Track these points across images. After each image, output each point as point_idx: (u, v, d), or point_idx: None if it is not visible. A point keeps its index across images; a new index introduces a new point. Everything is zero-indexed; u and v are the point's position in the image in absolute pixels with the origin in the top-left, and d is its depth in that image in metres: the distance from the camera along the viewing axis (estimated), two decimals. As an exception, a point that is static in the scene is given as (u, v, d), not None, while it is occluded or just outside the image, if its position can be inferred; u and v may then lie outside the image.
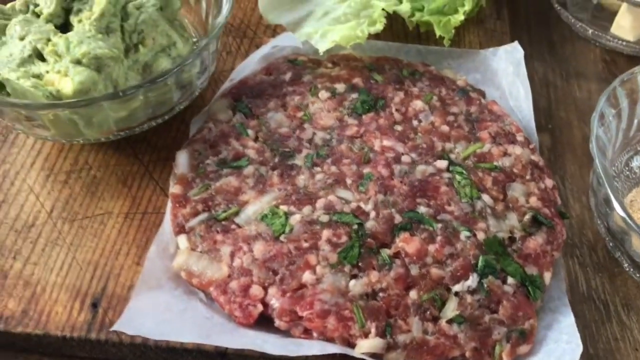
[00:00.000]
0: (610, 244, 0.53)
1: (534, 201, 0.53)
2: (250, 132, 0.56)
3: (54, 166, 0.56)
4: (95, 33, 0.52)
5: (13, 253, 0.51)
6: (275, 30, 0.69)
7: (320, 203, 0.51)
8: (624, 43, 0.69)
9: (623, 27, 0.69)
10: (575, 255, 0.55)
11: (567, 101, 0.67)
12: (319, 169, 0.54)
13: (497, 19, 0.71)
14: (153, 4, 0.55)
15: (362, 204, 0.51)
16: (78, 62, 0.51)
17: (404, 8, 0.62)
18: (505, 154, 0.56)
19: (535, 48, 0.71)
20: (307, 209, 0.50)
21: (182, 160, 0.54)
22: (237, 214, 0.51)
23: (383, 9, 0.60)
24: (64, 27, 0.55)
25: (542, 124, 0.64)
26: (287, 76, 0.61)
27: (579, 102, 0.67)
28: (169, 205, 0.52)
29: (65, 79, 0.50)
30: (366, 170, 0.53)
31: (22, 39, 0.53)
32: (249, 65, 0.62)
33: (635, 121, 0.58)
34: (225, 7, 0.56)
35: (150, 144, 0.58)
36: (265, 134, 0.56)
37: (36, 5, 0.56)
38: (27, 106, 0.48)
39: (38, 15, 0.55)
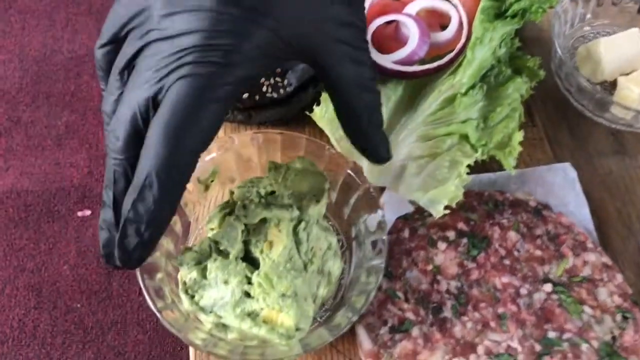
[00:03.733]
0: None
1: (616, 299, 0.73)
2: (399, 294, 0.72)
3: (260, 361, 0.70)
4: (284, 264, 0.65)
5: None
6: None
7: (480, 349, 0.68)
8: (622, 122, 0.87)
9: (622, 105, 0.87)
10: (641, 318, 0.75)
11: (595, 181, 0.85)
12: (466, 317, 0.71)
13: (532, 126, 0.87)
14: (313, 220, 0.68)
15: (509, 342, 0.69)
16: (282, 295, 0.64)
17: (480, 155, 0.77)
18: (584, 263, 0.75)
19: (559, 137, 0.89)
20: (473, 357, 0.68)
21: (364, 337, 0.69)
22: (421, 372, 0.68)
23: (468, 165, 0.76)
24: (245, 255, 0.68)
25: (585, 208, 0.82)
26: (406, 233, 0.76)
27: (605, 178, 0.86)
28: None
29: (282, 315, 0.64)
30: (500, 309, 0.71)
31: (225, 282, 0.65)
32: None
33: None
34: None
35: (320, 318, 0.73)
36: (411, 293, 0.72)
37: (216, 242, 0.68)
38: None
39: (221, 251, 0.67)
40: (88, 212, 1.81)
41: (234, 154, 0.73)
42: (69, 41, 2.08)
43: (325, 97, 0.78)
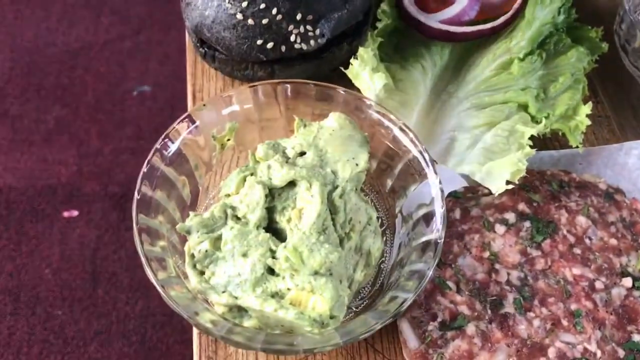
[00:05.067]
0: None
1: None
2: (450, 284, 0.59)
3: (280, 359, 0.57)
4: (317, 236, 0.53)
5: None
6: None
7: (551, 352, 0.56)
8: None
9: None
10: None
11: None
12: (532, 314, 0.58)
13: (597, 103, 0.76)
14: (351, 187, 0.56)
15: (586, 345, 0.56)
16: (315, 272, 0.52)
17: (543, 128, 0.65)
18: (668, 256, 0.63)
19: (622, 118, 0.77)
20: (543, 362, 0.55)
21: (408, 333, 0.57)
22: (479, 378, 0.55)
23: (532, 135, 0.64)
24: (269, 226, 0.55)
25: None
26: (457, 213, 0.64)
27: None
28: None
29: (315, 297, 0.51)
30: (573, 306, 0.58)
31: (244, 255, 0.52)
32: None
33: None
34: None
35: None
36: (465, 284, 0.59)
37: (232, 208, 0.55)
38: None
39: (239, 218, 0.55)
40: (75, 213, 1.67)
41: (256, 109, 0.61)
42: (64, 33, 1.97)
43: (363, 51, 0.66)
